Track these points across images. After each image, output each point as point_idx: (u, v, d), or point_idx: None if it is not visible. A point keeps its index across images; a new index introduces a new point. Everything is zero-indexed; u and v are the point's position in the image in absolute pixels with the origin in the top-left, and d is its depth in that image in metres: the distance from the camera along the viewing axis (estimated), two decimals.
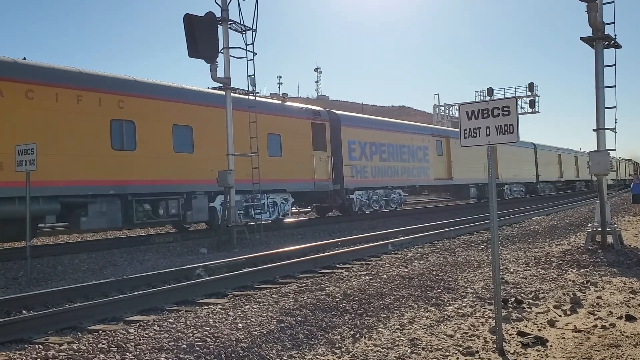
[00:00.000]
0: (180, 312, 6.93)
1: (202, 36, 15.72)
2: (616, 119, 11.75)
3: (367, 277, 8.59)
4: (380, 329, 6.16)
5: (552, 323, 6.27)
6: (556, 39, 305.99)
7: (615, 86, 11.67)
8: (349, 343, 5.70)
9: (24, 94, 13.30)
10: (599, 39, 11.39)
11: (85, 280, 10.36)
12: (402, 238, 14.75)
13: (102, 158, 14.72)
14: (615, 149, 11.96)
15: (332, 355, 5.36)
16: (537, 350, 5.38)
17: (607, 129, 11.45)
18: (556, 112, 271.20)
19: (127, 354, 5.00)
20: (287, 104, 21.92)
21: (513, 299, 7.36)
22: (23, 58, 14.22)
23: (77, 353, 5.06)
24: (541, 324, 6.32)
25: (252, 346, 5.29)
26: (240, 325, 5.81)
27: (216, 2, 16.38)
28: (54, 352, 5.14)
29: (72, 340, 5.72)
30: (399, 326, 6.26)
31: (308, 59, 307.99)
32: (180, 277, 9.94)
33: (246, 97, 17.33)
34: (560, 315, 6.70)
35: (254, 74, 16.94)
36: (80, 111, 14.38)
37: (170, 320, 6.19)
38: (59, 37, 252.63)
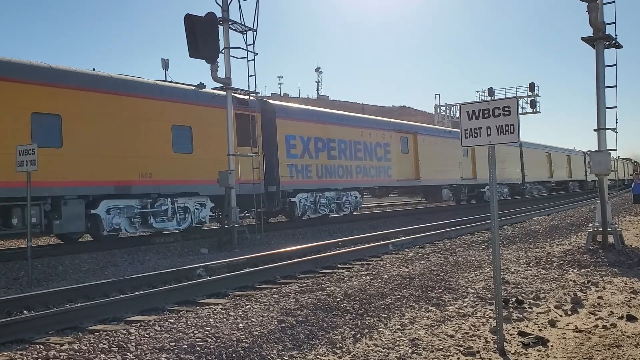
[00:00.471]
0: (181, 312, 6.94)
1: (202, 36, 15.74)
2: (617, 119, 11.77)
3: (368, 277, 8.59)
4: (381, 329, 6.16)
5: (553, 323, 6.28)
6: (557, 39, 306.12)
7: (616, 86, 11.70)
8: (350, 343, 5.70)
9: None
10: (600, 39, 11.39)
11: (86, 280, 10.38)
12: (403, 238, 14.76)
13: None
14: (616, 149, 11.98)
15: (333, 356, 5.36)
16: (538, 350, 5.38)
17: (608, 129, 11.45)
18: (557, 112, 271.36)
19: (128, 354, 5.01)
20: (203, 90, 18.04)
21: (514, 299, 7.36)
22: None
23: (78, 353, 5.07)
24: (542, 324, 6.32)
25: (253, 346, 5.29)
26: (241, 325, 5.81)
27: (217, 3, 16.44)
28: (55, 352, 5.15)
29: (73, 341, 5.73)
30: (399, 326, 6.27)
31: (308, 59, 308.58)
32: (181, 277, 9.95)
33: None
34: (561, 315, 6.69)
35: (254, 74, 16.98)
36: None
37: (171, 320, 6.20)
38: (59, 37, 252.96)
